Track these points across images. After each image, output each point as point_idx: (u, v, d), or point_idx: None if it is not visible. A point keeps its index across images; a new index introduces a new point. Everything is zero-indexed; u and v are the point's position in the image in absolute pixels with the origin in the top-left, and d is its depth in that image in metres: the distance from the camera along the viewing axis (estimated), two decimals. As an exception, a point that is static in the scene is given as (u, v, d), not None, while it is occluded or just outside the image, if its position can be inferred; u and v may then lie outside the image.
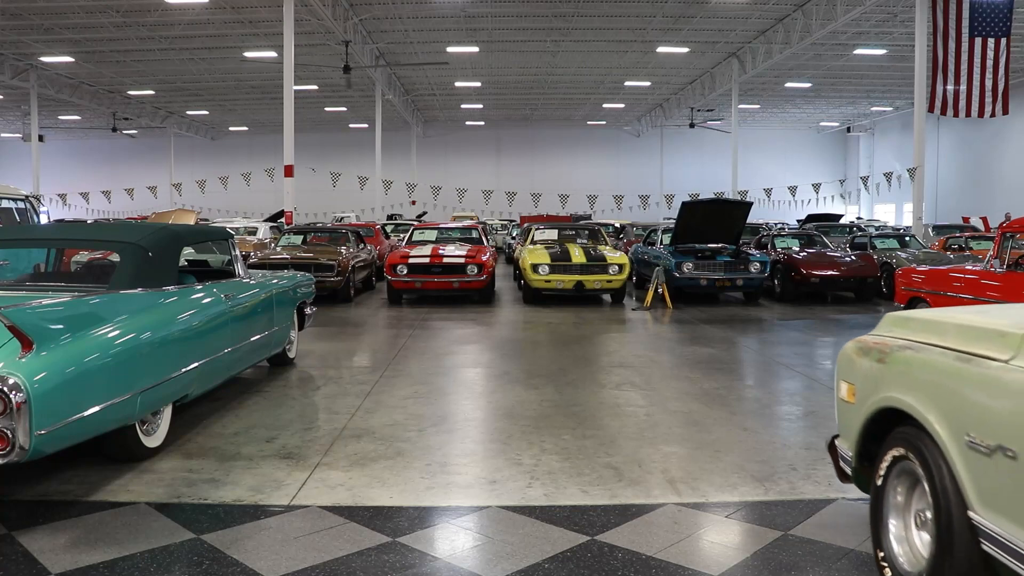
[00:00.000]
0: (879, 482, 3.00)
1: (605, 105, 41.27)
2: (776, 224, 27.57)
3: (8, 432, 3.30)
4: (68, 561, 3.20)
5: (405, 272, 12.64)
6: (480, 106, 41.63)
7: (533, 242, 14.41)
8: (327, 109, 40.83)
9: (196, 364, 4.84)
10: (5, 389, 3.29)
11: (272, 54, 26.24)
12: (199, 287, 5.35)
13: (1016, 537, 2.27)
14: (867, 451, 3.14)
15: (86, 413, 3.69)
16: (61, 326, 3.72)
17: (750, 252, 13.61)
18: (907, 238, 16.48)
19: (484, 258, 12.79)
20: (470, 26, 25.64)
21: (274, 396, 6.28)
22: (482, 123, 47.54)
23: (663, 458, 4.67)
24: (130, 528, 3.57)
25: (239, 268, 6.31)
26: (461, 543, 3.47)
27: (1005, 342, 2.50)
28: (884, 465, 2.97)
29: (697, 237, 13.67)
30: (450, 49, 27.95)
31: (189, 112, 42.75)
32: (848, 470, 3.29)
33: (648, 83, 35.28)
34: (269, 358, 7.04)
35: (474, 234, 15.19)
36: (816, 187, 32.74)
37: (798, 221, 28.51)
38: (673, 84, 36.14)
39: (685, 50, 28.80)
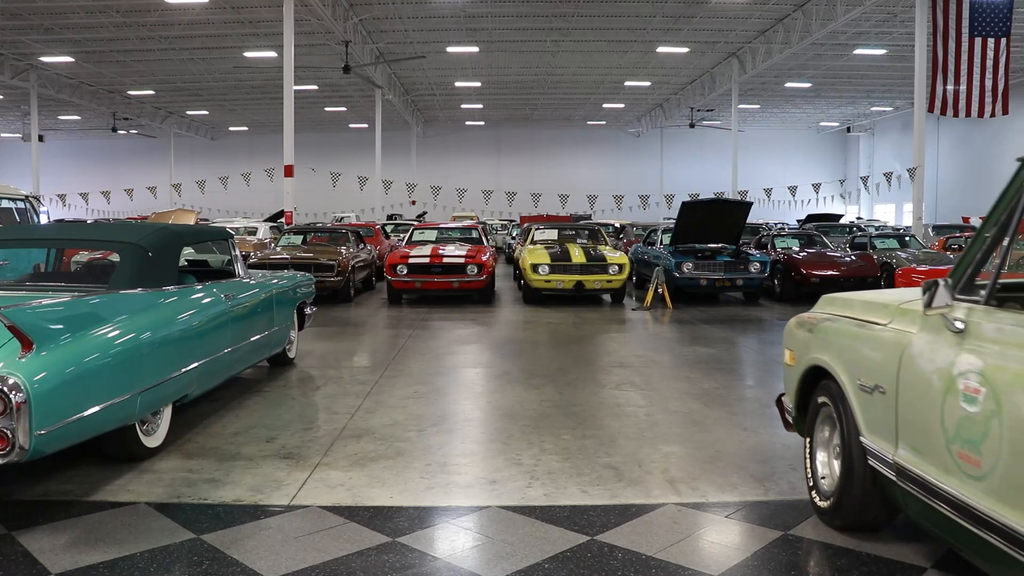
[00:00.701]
0: (809, 425, 3.84)
1: (605, 105, 41.25)
2: (776, 224, 27.57)
3: (8, 432, 3.30)
4: (68, 561, 3.20)
5: (405, 272, 12.64)
6: (480, 106, 41.61)
7: (533, 242, 14.40)
8: (327, 109, 40.82)
9: (196, 364, 4.84)
10: (5, 389, 3.29)
11: (272, 54, 26.24)
12: (199, 287, 5.35)
13: (885, 451, 3.07)
14: (803, 403, 3.95)
15: (86, 413, 3.69)
16: (61, 326, 3.72)
17: (750, 252, 13.61)
18: (907, 238, 16.49)
19: (484, 258, 12.78)
20: (470, 26, 25.64)
21: (274, 396, 6.28)
22: (482, 123, 47.52)
23: (663, 458, 4.67)
24: (130, 528, 3.57)
25: (239, 268, 6.31)
26: (461, 543, 3.47)
27: (887, 311, 3.30)
28: (812, 411, 3.82)
29: (697, 237, 13.66)
30: (450, 49, 27.95)
31: (189, 112, 42.73)
32: (791, 419, 4.09)
33: (648, 83, 35.27)
34: (269, 358, 7.04)
35: (474, 234, 15.19)
36: (816, 187, 32.77)
37: (798, 221, 28.51)
38: (673, 84, 36.13)
39: (685, 50, 28.79)
